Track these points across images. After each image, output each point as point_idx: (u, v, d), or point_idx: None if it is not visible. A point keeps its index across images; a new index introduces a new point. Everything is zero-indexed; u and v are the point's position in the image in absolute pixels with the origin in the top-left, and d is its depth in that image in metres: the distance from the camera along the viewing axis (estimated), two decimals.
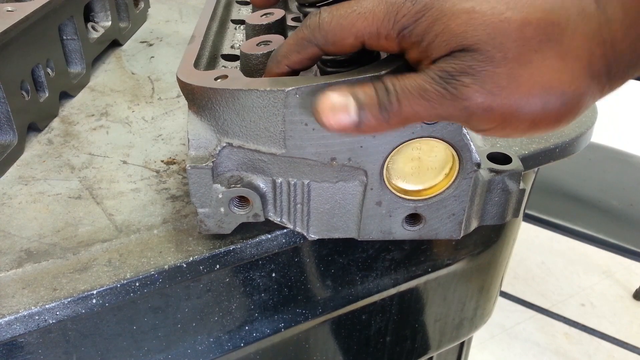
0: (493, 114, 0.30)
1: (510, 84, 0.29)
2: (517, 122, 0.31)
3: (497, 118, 0.30)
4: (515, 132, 0.32)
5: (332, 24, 0.33)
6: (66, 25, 0.63)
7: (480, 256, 0.63)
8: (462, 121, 0.32)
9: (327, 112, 0.32)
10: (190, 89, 0.38)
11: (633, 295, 1.82)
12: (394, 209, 0.40)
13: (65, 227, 0.44)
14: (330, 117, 0.32)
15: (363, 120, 0.32)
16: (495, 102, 0.30)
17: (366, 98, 0.31)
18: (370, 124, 0.32)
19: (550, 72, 0.29)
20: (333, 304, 0.54)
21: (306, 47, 0.34)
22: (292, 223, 0.41)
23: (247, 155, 0.39)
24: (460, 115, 0.31)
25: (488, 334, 1.68)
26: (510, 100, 0.30)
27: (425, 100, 0.30)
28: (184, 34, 0.80)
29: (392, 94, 0.31)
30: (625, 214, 1.29)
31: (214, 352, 0.49)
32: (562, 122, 0.31)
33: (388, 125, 0.32)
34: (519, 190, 0.40)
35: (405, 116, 0.31)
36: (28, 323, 0.36)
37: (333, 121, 0.32)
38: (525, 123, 0.31)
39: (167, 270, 0.40)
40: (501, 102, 0.30)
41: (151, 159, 0.52)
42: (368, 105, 0.31)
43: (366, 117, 0.31)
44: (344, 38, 0.33)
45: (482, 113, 0.30)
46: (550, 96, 0.30)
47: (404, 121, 0.32)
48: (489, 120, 0.31)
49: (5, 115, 0.51)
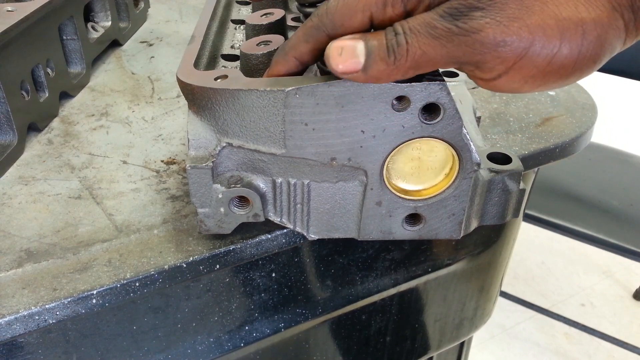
0: (506, 50, 0.28)
1: (522, 14, 0.28)
2: (532, 62, 0.28)
3: (511, 56, 0.28)
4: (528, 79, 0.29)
5: (339, 6, 0.32)
6: (66, 25, 0.63)
7: (480, 256, 0.63)
8: (472, 64, 0.30)
9: (335, 55, 0.31)
10: (190, 89, 0.38)
11: (633, 295, 1.82)
12: (394, 209, 0.40)
13: (65, 227, 0.44)
14: (338, 60, 0.31)
15: (370, 64, 0.31)
16: (508, 34, 0.28)
17: (375, 41, 0.31)
18: (378, 68, 0.31)
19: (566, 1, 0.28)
20: (333, 304, 0.54)
21: (315, 35, 0.33)
22: (292, 223, 0.41)
23: (247, 155, 0.39)
24: (473, 53, 0.29)
25: (488, 334, 1.68)
26: (524, 32, 0.28)
27: (434, 39, 0.29)
28: (184, 34, 0.80)
29: (400, 34, 0.30)
30: (625, 214, 1.29)
31: (214, 352, 0.49)
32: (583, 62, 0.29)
33: (396, 69, 0.31)
34: (519, 190, 0.40)
35: (414, 58, 0.30)
36: (28, 323, 0.36)
37: (341, 64, 0.31)
38: (541, 63, 0.28)
39: (167, 270, 0.40)
40: (515, 35, 0.28)
41: (151, 159, 0.52)
42: (376, 47, 0.30)
43: (374, 60, 0.30)
44: (352, 16, 0.32)
45: (495, 49, 0.28)
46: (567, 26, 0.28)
47: (412, 64, 0.30)
48: (502, 60, 0.29)
49: (5, 115, 0.51)
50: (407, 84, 0.34)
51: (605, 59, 0.30)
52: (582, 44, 0.28)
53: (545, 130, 0.56)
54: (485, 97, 0.63)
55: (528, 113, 0.60)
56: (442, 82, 0.34)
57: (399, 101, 0.35)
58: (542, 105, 0.61)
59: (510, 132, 0.56)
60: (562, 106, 0.61)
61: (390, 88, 0.35)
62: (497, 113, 0.60)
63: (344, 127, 0.36)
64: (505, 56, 0.29)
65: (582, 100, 0.63)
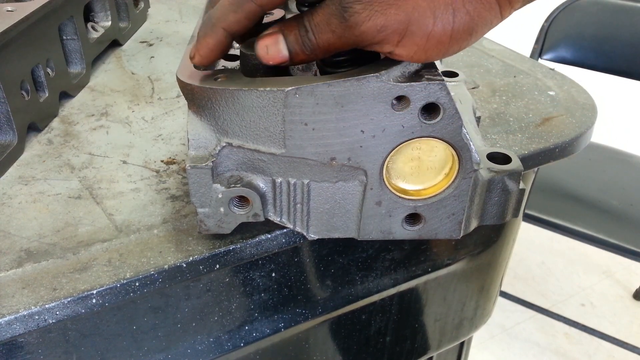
0: (387, 33, 0.33)
1: (397, 0, 0.32)
2: (413, 38, 0.33)
3: (393, 37, 0.33)
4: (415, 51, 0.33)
5: None
6: (66, 25, 0.63)
7: (480, 256, 0.63)
8: (367, 45, 0.34)
9: (264, 54, 0.36)
10: (190, 89, 0.38)
11: (633, 295, 1.82)
12: (394, 208, 0.40)
13: (65, 227, 0.44)
14: (268, 57, 0.36)
15: (293, 56, 0.36)
16: (387, 20, 0.32)
17: (291, 36, 0.36)
18: (300, 58, 0.36)
19: None
20: (333, 304, 0.54)
21: (242, 3, 0.36)
22: (291, 223, 0.41)
23: (247, 155, 0.39)
24: (363, 39, 0.33)
25: (488, 334, 1.68)
26: (400, 16, 0.32)
27: (333, 33, 0.34)
28: (184, 34, 0.80)
29: (309, 31, 0.35)
30: (625, 214, 1.29)
31: (214, 352, 0.49)
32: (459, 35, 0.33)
33: (315, 55, 0.36)
34: (519, 190, 0.40)
35: (324, 47, 0.35)
36: (28, 323, 0.36)
37: (271, 60, 0.36)
38: (421, 39, 0.33)
39: (167, 270, 0.40)
40: (392, 19, 0.32)
41: (151, 159, 0.52)
42: (293, 43, 0.36)
43: (295, 52, 0.36)
44: None
45: (378, 34, 0.33)
46: (438, 5, 0.32)
47: (324, 51, 0.35)
48: (387, 40, 0.33)
49: (5, 115, 0.51)
50: (407, 84, 0.35)
51: (482, 30, 0.34)
52: (454, 20, 0.33)
53: (545, 130, 0.56)
54: (485, 97, 0.63)
55: (528, 113, 0.60)
56: (442, 82, 0.34)
57: (398, 101, 0.35)
58: (542, 105, 0.61)
59: (510, 132, 0.56)
60: (562, 106, 0.61)
61: (390, 88, 0.35)
62: (497, 113, 0.60)
63: (344, 127, 0.36)
64: (389, 37, 0.33)
65: (582, 100, 0.63)
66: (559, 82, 0.67)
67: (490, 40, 0.78)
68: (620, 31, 1.36)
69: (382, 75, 0.34)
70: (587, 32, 1.39)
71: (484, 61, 0.72)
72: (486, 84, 0.66)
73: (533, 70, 0.70)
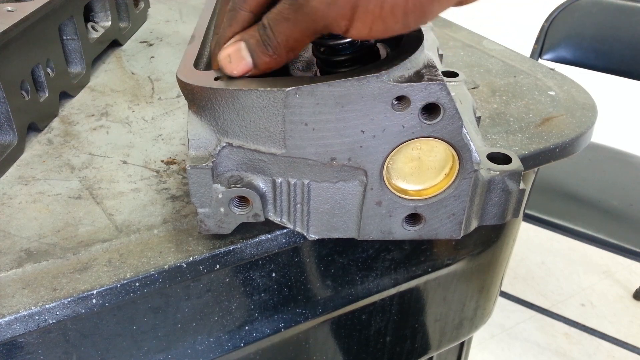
0: (338, 8, 0.32)
1: None
2: (366, 11, 0.32)
3: (345, 11, 0.32)
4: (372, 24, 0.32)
5: None
6: (66, 25, 0.63)
7: (480, 256, 0.63)
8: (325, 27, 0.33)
9: (227, 64, 0.36)
10: (190, 89, 0.38)
11: (633, 295, 1.82)
12: (394, 209, 0.40)
13: (65, 227, 0.44)
14: (231, 67, 0.36)
15: (257, 61, 0.35)
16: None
17: (252, 39, 0.35)
18: (264, 61, 0.35)
19: None
20: (333, 304, 0.54)
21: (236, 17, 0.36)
22: (292, 223, 0.41)
23: (247, 155, 0.39)
24: (316, 21, 0.33)
25: (488, 334, 1.68)
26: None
27: (287, 22, 0.33)
28: (184, 34, 0.80)
29: (267, 28, 0.34)
30: (625, 214, 1.29)
31: (214, 352, 0.49)
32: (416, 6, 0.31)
33: (278, 57, 0.35)
34: (519, 190, 0.40)
35: (283, 43, 0.34)
36: (28, 323, 0.36)
37: (234, 70, 0.36)
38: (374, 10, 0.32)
39: (167, 270, 0.40)
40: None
41: (151, 159, 0.52)
42: (254, 45, 0.35)
43: (258, 56, 0.35)
44: None
45: (329, 6, 0.32)
46: None
47: (286, 49, 0.34)
48: (341, 16, 0.32)
49: (5, 115, 0.51)
50: (407, 84, 0.35)
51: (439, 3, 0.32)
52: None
53: (545, 130, 0.56)
54: (485, 97, 0.63)
55: (528, 113, 0.60)
56: (442, 82, 0.34)
57: (399, 101, 0.35)
58: (542, 105, 0.61)
59: (510, 132, 0.56)
60: (562, 106, 0.61)
61: (391, 88, 0.35)
62: (497, 113, 0.60)
63: (344, 127, 0.36)
64: (341, 12, 0.32)
65: (582, 100, 0.63)
66: (559, 82, 0.67)
67: (490, 40, 0.78)
68: (620, 31, 1.36)
69: (383, 76, 0.34)
70: (587, 32, 1.39)
71: (484, 61, 0.72)
72: (486, 84, 0.66)
73: (533, 70, 0.70)
